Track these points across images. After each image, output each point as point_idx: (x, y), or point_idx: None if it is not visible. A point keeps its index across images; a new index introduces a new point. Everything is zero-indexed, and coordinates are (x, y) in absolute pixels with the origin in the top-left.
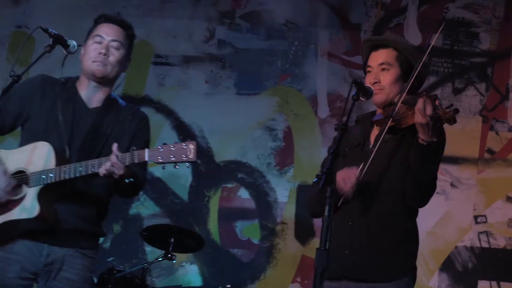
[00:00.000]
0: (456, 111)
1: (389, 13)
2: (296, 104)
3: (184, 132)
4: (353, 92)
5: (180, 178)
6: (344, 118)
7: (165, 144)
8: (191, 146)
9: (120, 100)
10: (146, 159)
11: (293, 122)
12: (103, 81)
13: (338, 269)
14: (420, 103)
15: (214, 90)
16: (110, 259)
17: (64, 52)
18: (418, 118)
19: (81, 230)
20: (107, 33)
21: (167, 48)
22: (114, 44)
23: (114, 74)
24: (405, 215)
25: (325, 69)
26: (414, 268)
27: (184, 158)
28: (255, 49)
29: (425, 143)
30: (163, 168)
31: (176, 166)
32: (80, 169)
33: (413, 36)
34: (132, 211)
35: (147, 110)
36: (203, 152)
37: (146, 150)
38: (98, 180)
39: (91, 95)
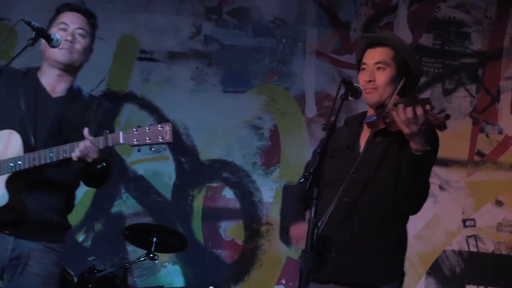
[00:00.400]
0: (447, 117)
1: (379, 12)
2: (283, 103)
3: None
4: (342, 91)
5: (164, 176)
6: (332, 118)
7: (139, 126)
8: (167, 128)
9: (84, 91)
10: (121, 141)
11: (280, 121)
12: (69, 69)
13: (324, 272)
14: (403, 113)
15: (199, 87)
16: (91, 258)
17: (48, 46)
18: (405, 129)
19: (49, 221)
20: (72, 21)
21: (153, 43)
22: (80, 31)
23: (80, 63)
24: (396, 221)
25: (313, 68)
26: (402, 275)
27: (160, 140)
28: (242, 46)
29: (418, 153)
30: (139, 150)
31: (152, 149)
32: (51, 155)
33: (403, 36)
34: (114, 209)
35: (131, 107)
36: (188, 150)
37: (121, 133)
38: (67, 168)
39: (54, 84)
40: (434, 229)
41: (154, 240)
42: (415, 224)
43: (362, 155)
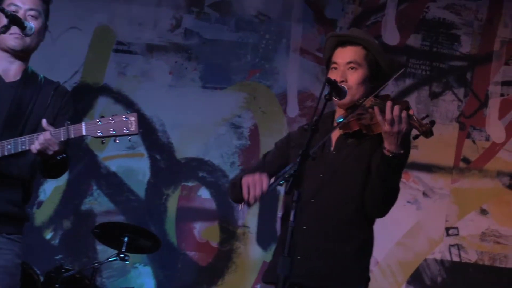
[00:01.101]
0: (433, 123)
1: (366, 10)
2: (265, 101)
3: (144, 125)
4: (326, 91)
5: (138, 174)
6: (315, 118)
7: (102, 117)
8: (132, 118)
9: (40, 75)
10: (84, 133)
11: (261, 120)
12: (23, 54)
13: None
14: (391, 111)
15: (178, 82)
16: (58, 257)
17: (21, 34)
18: (387, 127)
19: (8, 213)
20: (23, 1)
21: (131, 35)
22: (32, 13)
23: (34, 45)
24: (364, 224)
25: (297, 66)
26: (368, 279)
27: (125, 131)
28: (223, 41)
29: (391, 155)
30: (102, 142)
31: (117, 140)
32: (9, 147)
33: (391, 36)
34: (84, 206)
35: (106, 100)
36: (164, 148)
37: (83, 124)
38: (23, 160)
39: (7, 68)
40: (416, 236)
41: (126, 240)
42: (396, 231)
43: (331, 155)
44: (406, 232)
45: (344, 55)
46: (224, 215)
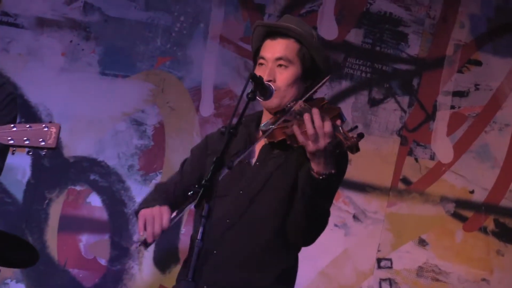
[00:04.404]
0: (361, 136)
1: None
2: (174, 95)
3: (27, 114)
4: (249, 89)
5: (16, 173)
6: (234, 121)
7: (20, 122)
8: (53, 129)
9: None
10: None
11: (168, 117)
12: None
13: None
14: (312, 123)
15: (72, 66)
16: None
17: None
18: (309, 146)
19: None
20: None
21: (18, 5)
22: None
23: None
24: (286, 250)
25: (215, 56)
26: None
27: (41, 143)
28: (129, 20)
29: (319, 177)
30: (13, 153)
31: (30, 153)
32: None
33: (328, 29)
34: None
35: None
36: None
37: None
38: None
39: None
40: (342, 266)
41: None
42: (320, 259)
43: (254, 168)
44: (331, 260)
45: (273, 50)
46: (117, 228)
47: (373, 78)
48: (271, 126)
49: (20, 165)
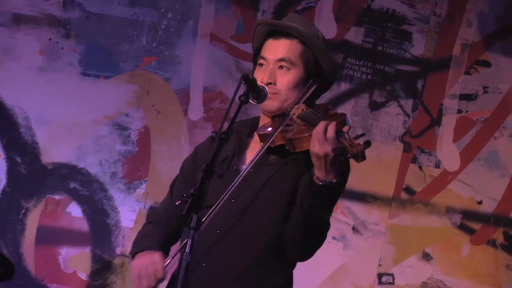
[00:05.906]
0: (368, 144)
1: None
2: (160, 98)
3: (2, 117)
4: (242, 91)
5: None
6: (226, 125)
7: None
8: None
9: None
10: None
11: (154, 121)
12: None
13: None
14: (320, 126)
15: (50, 65)
16: None
17: None
18: (315, 148)
19: None
20: None
21: None
22: None
23: None
24: (280, 265)
25: (205, 56)
26: None
27: None
28: (113, 17)
29: (320, 183)
30: None
31: None
32: None
33: (326, 27)
34: None
35: None
36: (26, 148)
37: None
38: None
39: None
40: (340, 282)
41: None
42: (317, 273)
43: (248, 175)
44: (329, 275)
45: (275, 50)
46: (99, 240)
47: (375, 80)
48: (269, 129)
49: None
